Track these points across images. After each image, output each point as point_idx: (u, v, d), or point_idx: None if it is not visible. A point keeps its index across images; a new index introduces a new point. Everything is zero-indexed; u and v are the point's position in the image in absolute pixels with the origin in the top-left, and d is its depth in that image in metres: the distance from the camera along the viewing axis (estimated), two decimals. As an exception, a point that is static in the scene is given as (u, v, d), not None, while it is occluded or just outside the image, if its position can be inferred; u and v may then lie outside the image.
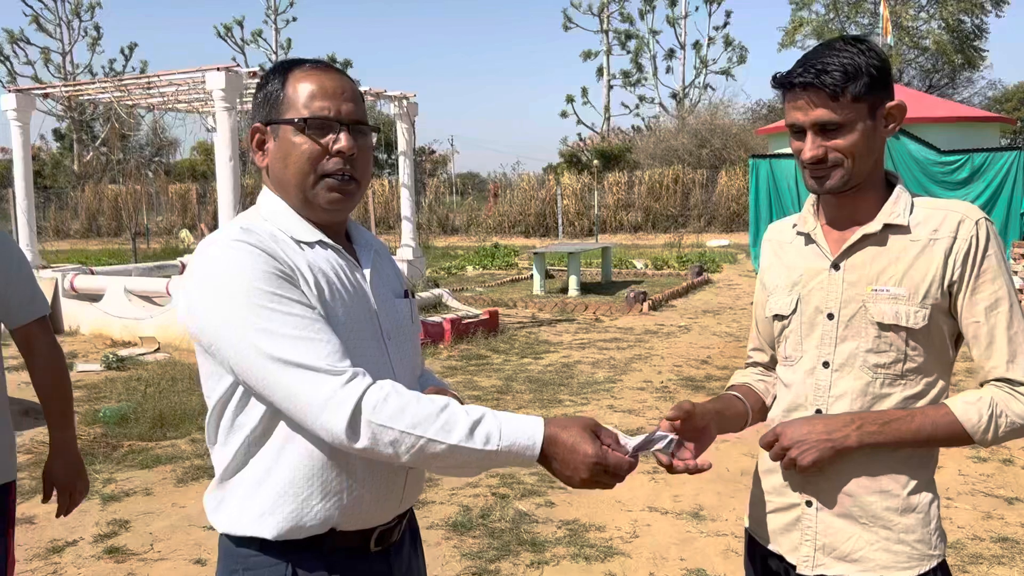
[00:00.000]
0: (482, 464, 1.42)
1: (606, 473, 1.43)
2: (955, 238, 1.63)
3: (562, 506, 4.65)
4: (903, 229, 1.67)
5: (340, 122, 1.56)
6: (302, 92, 1.56)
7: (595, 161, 30.66)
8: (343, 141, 1.55)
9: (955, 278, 1.63)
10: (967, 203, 1.68)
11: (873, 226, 1.68)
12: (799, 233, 1.81)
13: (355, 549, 1.60)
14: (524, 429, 1.42)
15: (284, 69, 1.61)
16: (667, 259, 18.73)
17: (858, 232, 1.70)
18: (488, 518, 4.46)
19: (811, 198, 1.81)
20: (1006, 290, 1.63)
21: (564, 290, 13.81)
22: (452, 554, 4.04)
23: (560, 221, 25.97)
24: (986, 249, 1.63)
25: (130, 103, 11.81)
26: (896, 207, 1.69)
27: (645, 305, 11.91)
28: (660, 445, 1.58)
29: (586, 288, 14.12)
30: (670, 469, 1.62)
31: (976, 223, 1.63)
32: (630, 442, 1.49)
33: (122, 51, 41.65)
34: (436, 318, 9.81)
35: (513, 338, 9.91)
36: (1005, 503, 4.63)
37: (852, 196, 1.70)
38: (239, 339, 1.43)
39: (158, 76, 10.25)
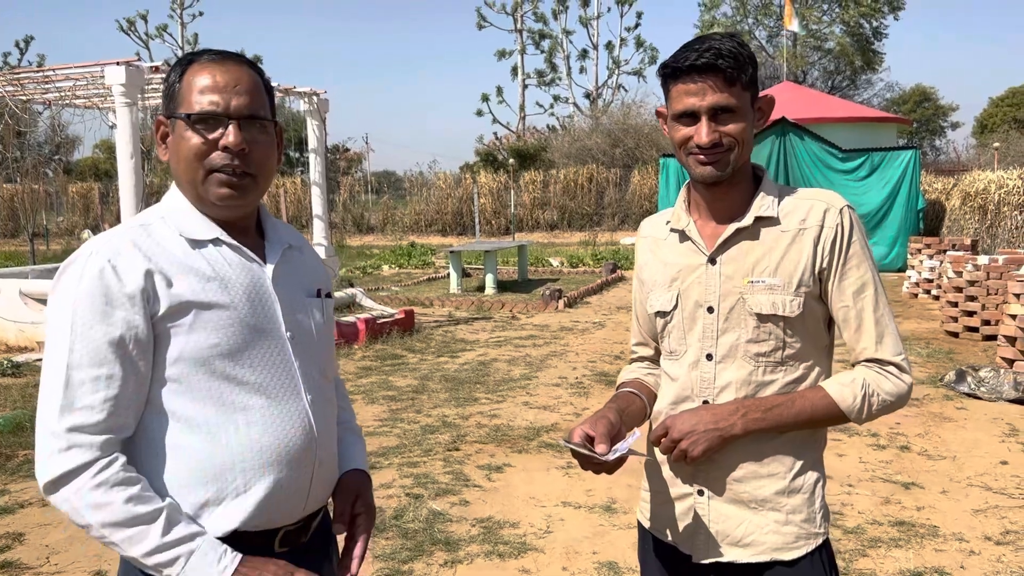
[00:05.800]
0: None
1: None
2: (822, 227, 1.70)
3: (476, 504, 4.63)
4: (773, 221, 1.73)
5: (229, 116, 1.54)
6: (194, 86, 1.55)
7: (511, 160, 30.71)
8: (231, 136, 1.53)
9: (824, 265, 1.71)
10: (831, 192, 1.76)
11: (746, 220, 1.73)
12: (673, 230, 1.84)
13: (258, 550, 1.54)
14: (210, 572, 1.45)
15: (186, 61, 1.59)
16: (582, 257, 18.93)
17: (731, 227, 1.74)
18: (402, 519, 4.41)
19: (682, 194, 1.84)
20: (871, 275, 1.71)
21: (481, 288, 13.81)
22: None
23: (477, 220, 25.93)
24: (851, 236, 1.71)
25: (24, 98, 11.29)
26: (765, 200, 1.74)
27: (561, 302, 12.00)
28: (631, 441, 1.66)
29: (503, 286, 14.15)
30: (610, 471, 1.68)
31: (840, 212, 1.71)
32: (620, 447, 1.64)
33: (17, 44, 40.05)
34: (350, 318, 9.68)
35: (429, 337, 9.85)
36: (902, 488, 4.81)
37: (726, 188, 1.74)
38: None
39: (54, 70, 9.81)
